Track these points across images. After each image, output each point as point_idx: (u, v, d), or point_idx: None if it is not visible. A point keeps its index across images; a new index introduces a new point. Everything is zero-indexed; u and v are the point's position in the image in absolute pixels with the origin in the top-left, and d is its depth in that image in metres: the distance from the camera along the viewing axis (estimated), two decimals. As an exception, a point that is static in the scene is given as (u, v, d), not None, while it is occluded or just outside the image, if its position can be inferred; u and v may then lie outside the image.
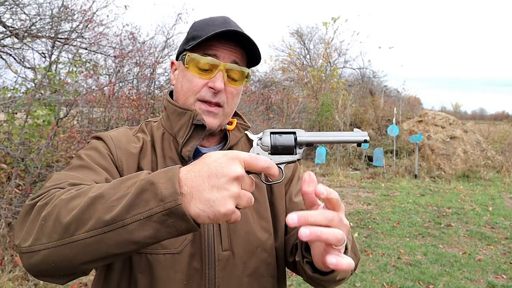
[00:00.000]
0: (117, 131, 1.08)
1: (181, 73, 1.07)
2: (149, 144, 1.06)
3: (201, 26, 1.05)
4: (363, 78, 19.72)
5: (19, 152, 4.34)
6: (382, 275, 4.46)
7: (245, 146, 1.17)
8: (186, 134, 1.03)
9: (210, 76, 1.02)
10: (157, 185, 0.66)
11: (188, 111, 1.03)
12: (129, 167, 0.99)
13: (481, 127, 16.68)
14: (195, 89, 1.03)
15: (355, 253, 0.90)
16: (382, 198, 8.33)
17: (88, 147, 1.01)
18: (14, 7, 5.50)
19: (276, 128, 0.84)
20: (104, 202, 0.68)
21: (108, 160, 0.97)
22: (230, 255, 1.00)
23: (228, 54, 1.02)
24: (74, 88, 5.51)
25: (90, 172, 0.90)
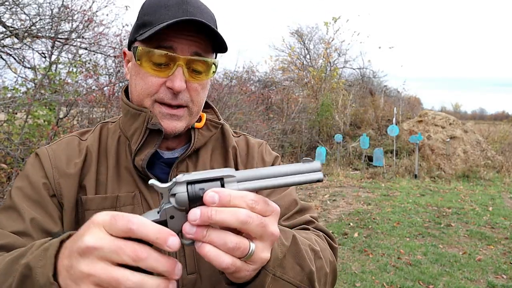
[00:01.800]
0: (59, 143, 0.94)
1: (133, 69, 0.89)
2: (95, 156, 0.91)
3: (153, 8, 0.86)
4: (363, 78, 19.72)
5: (19, 152, 4.34)
6: (382, 275, 4.46)
7: (217, 145, 1.01)
8: (139, 140, 0.87)
9: (168, 73, 0.84)
10: (34, 271, 0.57)
11: (142, 113, 0.87)
12: (68, 190, 0.87)
13: (481, 127, 16.68)
14: (151, 90, 0.86)
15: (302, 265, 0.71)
16: (382, 198, 8.33)
17: (22, 174, 0.89)
18: (14, 7, 5.50)
19: (193, 172, 0.60)
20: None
21: (39, 190, 0.85)
22: (197, 278, 0.87)
23: (187, 44, 0.84)
24: (74, 88, 5.51)
25: (15, 216, 0.81)
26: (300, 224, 0.95)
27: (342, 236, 5.79)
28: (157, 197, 0.89)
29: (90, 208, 0.87)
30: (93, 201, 0.87)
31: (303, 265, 0.72)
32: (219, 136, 1.03)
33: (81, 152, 0.92)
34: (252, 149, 1.04)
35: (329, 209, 7.38)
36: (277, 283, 0.67)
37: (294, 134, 13.21)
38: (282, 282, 0.67)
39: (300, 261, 0.72)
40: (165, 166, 0.93)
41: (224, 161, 1.00)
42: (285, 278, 0.68)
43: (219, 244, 0.55)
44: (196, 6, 0.87)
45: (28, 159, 0.92)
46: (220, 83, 10.70)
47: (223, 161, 1.00)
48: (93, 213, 0.76)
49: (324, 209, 7.35)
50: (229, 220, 0.55)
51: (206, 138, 0.97)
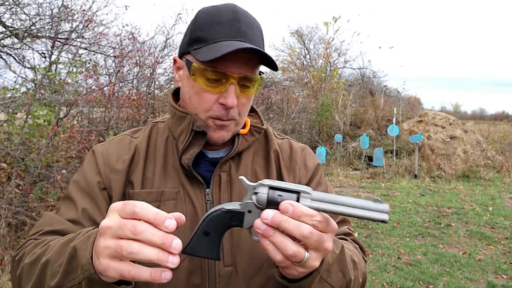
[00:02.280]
0: (111, 142, 1.04)
1: (186, 81, 0.95)
2: (143, 152, 0.99)
3: (206, 24, 0.91)
4: (363, 78, 19.72)
5: (19, 152, 4.34)
6: (382, 275, 4.46)
7: (260, 148, 1.06)
8: (185, 141, 0.95)
9: (220, 89, 0.90)
10: (79, 252, 0.70)
11: (188, 115, 0.95)
12: (117, 185, 0.96)
13: (481, 127, 16.67)
14: (205, 106, 0.92)
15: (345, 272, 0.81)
16: (382, 198, 8.32)
17: (80, 169, 1.01)
18: (14, 7, 5.50)
19: (277, 180, 0.71)
20: (50, 268, 0.74)
21: (92, 185, 0.96)
22: (232, 271, 0.92)
23: (239, 63, 0.89)
24: (74, 88, 5.51)
25: (70, 206, 0.94)
26: (340, 234, 1.02)
27: (342, 236, 5.79)
28: (200, 194, 0.96)
29: None
30: (139, 195, 0.95)
31: (345, 273, 0.82)
32: (262, 139, 1.08)
33: (130, 150, 1.00)
34: (295, 153, 1.09)
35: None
36: (322, 284, 0.77)
37: (294, 134, 13.20)
38: (326, 284, 0.77)
39: (343, 269, 0.81)
40: (209, 165, 0.99)
41: (265, 163, 1.05)
42: (329, 282, 0.78)
43: (280, 247, 0.66)
44: (247, 23, 0.92)
45: (86, 156, 1.04)
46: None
47: (265, 163, 1.05)
48: None
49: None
50: (294, 231, 0.65)
51: (249, 142, 1.03)
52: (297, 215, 0.65)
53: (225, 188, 0.97)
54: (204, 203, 0.95)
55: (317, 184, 1.07)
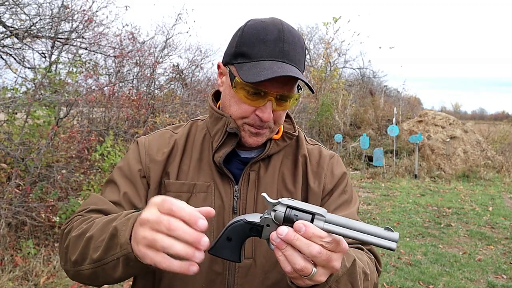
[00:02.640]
0: (154, 135, 1.13)
1: (228, 89, 1.02)
2: (181, 147, 1.08)
3: (252, 40, 0.95)
4: (363, 78, 19.73)
5: (19, 152, 4.34)
6: (382, 275, 4.46)
7: (289, 152, 1.11)
8: (219, 140, 1.02)
9: (259, 103, 0.96)
10: (119, 232, 0.77)
11: (223, 117, 1.02)
12: (155, 174, 1.05)
13: (481, 127, 16.67)
14: (243, 114, 0.99)
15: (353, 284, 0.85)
16: (382, 198, 8.33)
17: (124, 157, 1.12)
18: (14, 7, 5.50)
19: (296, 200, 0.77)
20: (93, 242, 0.83)
21: (134, 172, 1.05)
22: (252, 263, 0.99)
23: (279, 84, 0.95)
24: (74, 88, 5.51)
25: (114, 189, 1.05)
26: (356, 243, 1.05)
27: (342, 236, 5.79)
28: (228, 190, 1.03)
29: (170, 191, 1.04)
30: (174, 185, 1.04)
31: (354, 285, 0.85)
32: (293, 144, 1.14)
33: (169, 143, 1.09)
34: (323, 160, 1.13)
35: (329, 209, 7.39)
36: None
37: (294, 134, 13.18)
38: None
39: (353, 281, 0.85)
40: (240, 163, 1.06)
41: (293, 167, 1.11)
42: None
43: (290, 261, 0.71)
44: (291, 42, 0.96)
45: (131, 146, 1.15)
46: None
47: (293, 167, 1.11)
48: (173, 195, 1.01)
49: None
50: (303, 249, 0.70)
51: (280, 147, 1.09)
52: (308, 235, 0.70)
53: (253, 187, 1.04)
54: (232, 198, 1.03)
55: (342, 192, 1.11)
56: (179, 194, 1.02)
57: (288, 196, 1.03)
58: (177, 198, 0.97)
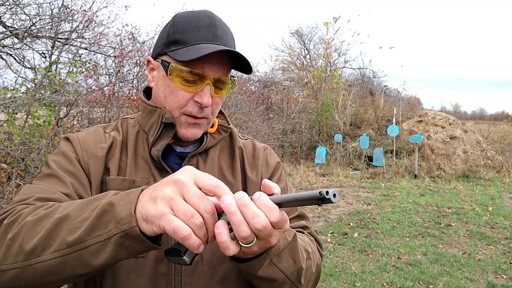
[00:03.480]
0: (87, 131, 1.06)
1: (162, 80, 0.99)
2: (119, 144, 1.03)
3: (185, 27, 0.96)
4: (363, 78, 19.73)
5: (19, 152, 4.35)
6: (382, 275, 4.46)
7: (225, 146, 1.12)
8: (155, 133, 0.99)
9: (196, 89, 0.95)
10: (116, 207, 0.67)
11: (157, 109, 0.99)
12: (95, 170, 0.97)
13: (481, 127, 16.68)
14: (180, 103, 0.97)
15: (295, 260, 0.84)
16: (382, 198, 8.33)
17: (56, 152, 1.00)
18: (14, 7, 5.50)
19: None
20: (69, 223, 0.69)
21: (75, 164, 0.96)
22: (198, 260, 0.95)
23: (216, 67, 0.95)
24: (74, 88, 5.51)
25: (57, 181, 0.91)
26: (297, 228, 1.06)
27: (342, 236, 5.79)
28: None
29: (111, 188, 0.96)
30: (114, 182, 0.97)
31: (296, 261, 0.84)
32: (227, 138, 1.14)
33: (107, 139, 1.03)
34: (258, 152, 1.14)
35: (329, 209, 7.38)
36: (271, 268, 0.80)
37: (294, 134, 13.20)
38: (275, 268, 0.80)
39: (294, 256, 0.84)
40: (177, 158, 1.04)
41: (231, 160, 1.11)
42: (279, 266, 0.81)
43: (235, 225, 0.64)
44: (223, 29, 0.98)
45: (60, 143, 1.03)
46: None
47: (230, 160, 1.11)
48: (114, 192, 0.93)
49: (324, 209, 7.35)
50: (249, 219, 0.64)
51: (216, 140, 1.09)
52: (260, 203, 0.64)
53: None
54: None
55: (278, 180, 1.12)
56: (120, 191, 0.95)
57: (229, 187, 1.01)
58: None
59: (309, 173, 10.81)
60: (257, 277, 0.82)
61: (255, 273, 0.79)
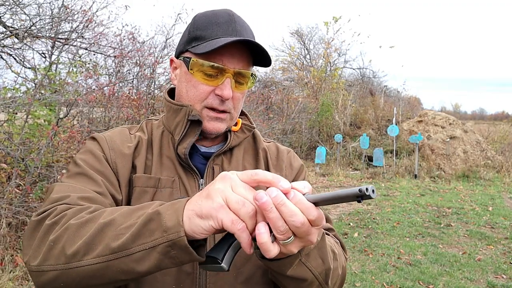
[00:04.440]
0: (113, 131, 1.06)
1: (184, 76, 1.01)
2: (145, 143, 1.04)
3: (204, 24, 0.98)
4: (363, 78, 19.72)
5: (19, 152, 4.34)
6: (382, 275, 4.46)
7: (249, 147, 1.13)
8: (182, 131, 1.00)
9: (217, 82, 0.96)
10: (163, 215, 0.67)
11: (183, 107, 1.00)
12: (123, 169, 0.98)
13: (481, 127, 16.68)
14: (202, 97, 0.98)
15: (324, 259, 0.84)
16: (382, 198, 8.33)
17: (83, 150, 1.00)
18: (14, 7, 5.50)
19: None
20: (114, 229, 0.69)
21: (103, 163, 0.96)
22: None
23: (236, 59, 0.96)
24: (74, 88, 5.51)
25: (88, 180, 0.91)
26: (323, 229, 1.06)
27: (342, 236, 5.79)
28: (193, 184, 1.00)
29: (137, 185, 0.97)
30: (140, 179, 0.97)
31: (324, 260, 0.84)
32: (251, 140, 1.15)
33: (133, 139, 1.04)
34: (282, 154, 1.16)
35: (329, 209, 7.38)
36: (300, 267, 0.79)
37: (294, 134, 13.20)
38: (304, 268, 0.80)
39: (323, 256, 0.84)
40: (202, 158, 1.04)
41: (255, 161, 1.12)
42: (308, 266, 0.80)
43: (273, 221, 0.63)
44: (242, 25, 1.00)
45: (86, 142, 1.03)
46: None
47: (254, 161, 1.11)
48: (140, 189, 0.97)
49: (324, 208, 7.34)
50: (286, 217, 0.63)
51: (240, 139, 1.09)
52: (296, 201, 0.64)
53: None
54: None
55: None
56: (145, 189, 0.97)
57: None
58: (143, 193, 0.95)
59: (309, 173, 10.81)
60: (286, 277, 0.81)
61: (284, 272, 0.79)
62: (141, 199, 0.95)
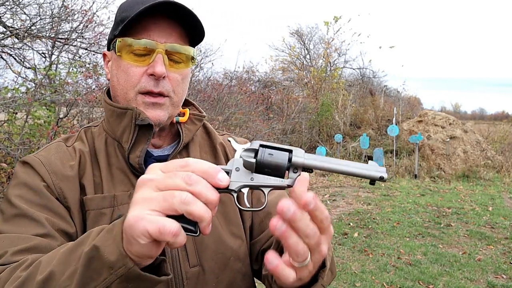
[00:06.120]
0: (47, 149, 0.91)
1: (114, 64, 0.91)
2: (88, 156, 0.91)
3: (129, 5, 0.89)
4: (363, 78, 19.72)
5: (19, 152, 4.35)
6: (382, 275, 4.46)
7: (204, 143, 1.03)
8: (131, 138, 0.88)
9: (148, 61, 0.86)
10: (102, 250, 0.57)
11: (128, 110, 0.88)
12: (70, 193, 0.85)
13: (481, 127, 16.67)
14: (133, 80, 0.87)
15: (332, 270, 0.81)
16: (382, 198, 8.33)
17: (16, 183, 0.84)
18: (15, 7, 5.50)
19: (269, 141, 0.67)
20: (56, 284, 0.59)
21: (44, 194, 0.82)
22: (199, 271, 0.88)
23: (165, 33, 0.87)
24: (74, 88, 5.52)
25: (27, 223, 0.77)
26: None
27: (342, 236, 5.79)
28: None
29: (91, 208, 0.86)
30: (93, 201, 0.86)
31: (333, 271, 0.81)
32: (204, 135, 1.05)
33: (73, 155, 0.91)
34: None
35: (329, 209, 7.39)
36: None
37: (294, 134, 13.20)
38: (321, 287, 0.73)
39: (332, 268, 0.79)
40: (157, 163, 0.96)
41: (213, 158, 1.02)
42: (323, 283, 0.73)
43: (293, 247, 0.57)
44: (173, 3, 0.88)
45: (16, 169, 0.88)
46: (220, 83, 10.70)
47: (212, 158, 1.02)
48: (95, 213, 0.85)
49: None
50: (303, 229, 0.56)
51: (192, 132, 0.98)
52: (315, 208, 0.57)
53: None
54: None
55: None
56: (101, 211, 0.85)
57: None
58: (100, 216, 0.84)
59: (309, 173, 10.79)
60: None
61: None
62: (98, 223, 0.83)
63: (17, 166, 0.89)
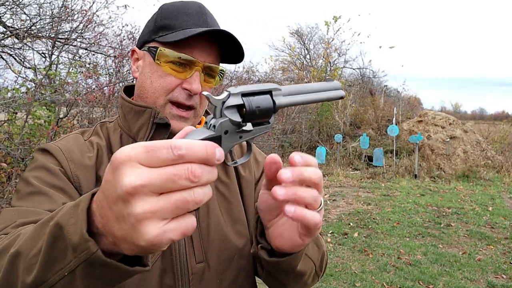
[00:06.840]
0: (66, 139, 0.93)
1: (148, 67, 0.92)
2: (105, 150, 0.92)
3: (173, 13, 0.91)
4: (363, 78, 19.72)
5: (19, 152, 4.35)
6: (382, 275, 4.46)
7: None
8: (147, 135, 0.90)
9: (186, 75, 0.89)
10: (66, 229, 0.51)
11: (147, 109, 0.90)
12: (87, 183, 0.86)
13: (481, 127, 16.67)
14: (168, 88, 0.90)
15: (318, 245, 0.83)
16: (382, 198, 8.33)
17: (34, 166, 0.85)
18: (15, 7, 5.50)
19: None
20: (24, 260, 0.55)
21: (62, 178, 0.83)
22: (205, 267, 0.90)
23: (206, 53, 0.90)
24: (74, 88, 5.52)
25: (43, 199, 0.77)
26: None
27: (342, 236, 5.79)
28: None
29: None
30: None
31: (319, 246, 0.84)
32: None
33: (91, 148, 0.92)
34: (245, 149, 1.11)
35: (329, 209, 7.39)
36: (304, 259, 0.78)
37: (294, 134, 13.20)
38: (307, 258, 0.79)
39: (317, 241, 0.83)
40: None
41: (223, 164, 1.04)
42: (309, 255, 0.79)
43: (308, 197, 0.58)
44: (212, 18, 0.94)
45: (35, 156, 0.88)
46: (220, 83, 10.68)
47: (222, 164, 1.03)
48: None
49: (324, 209, 7.34)
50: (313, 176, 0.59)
51: None
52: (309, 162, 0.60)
53: None
54: None
55: None
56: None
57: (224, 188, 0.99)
58: None
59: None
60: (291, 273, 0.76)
61: (295, 268, 0.74)
62: None
63: (35, 153, 0.89)
